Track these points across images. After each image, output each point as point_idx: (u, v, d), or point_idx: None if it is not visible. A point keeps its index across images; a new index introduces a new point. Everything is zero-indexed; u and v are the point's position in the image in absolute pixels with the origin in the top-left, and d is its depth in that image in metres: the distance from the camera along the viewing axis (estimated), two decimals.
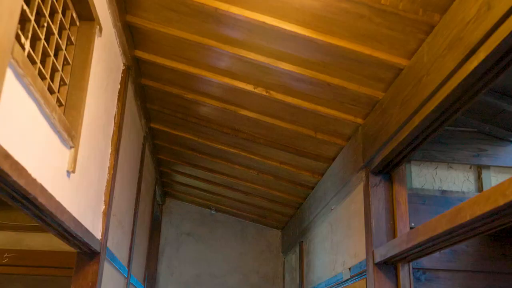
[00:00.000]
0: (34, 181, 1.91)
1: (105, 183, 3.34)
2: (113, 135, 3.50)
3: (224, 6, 2.94)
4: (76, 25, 2.68)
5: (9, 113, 1.70)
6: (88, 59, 2.69)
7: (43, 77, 2.21)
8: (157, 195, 6.62)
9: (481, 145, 3.65)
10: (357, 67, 3.10)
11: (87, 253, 3.12)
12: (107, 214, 3.34)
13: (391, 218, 3.37)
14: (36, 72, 2.03)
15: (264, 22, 2.93)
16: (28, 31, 1.99)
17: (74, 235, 2.65)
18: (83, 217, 2.78)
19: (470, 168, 3.64)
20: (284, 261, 7.16)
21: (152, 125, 5.02)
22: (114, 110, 3.50)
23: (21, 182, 1.78)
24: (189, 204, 7.42)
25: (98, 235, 3.21)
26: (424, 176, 3.59)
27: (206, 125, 4.59)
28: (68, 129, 2.37)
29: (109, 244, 3.52)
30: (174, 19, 3.26)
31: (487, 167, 3.62)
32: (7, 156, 1.63)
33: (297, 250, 6.06)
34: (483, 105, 3.41)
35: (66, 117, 2.48)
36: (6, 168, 1.62)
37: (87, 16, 2.71)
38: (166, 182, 6.80)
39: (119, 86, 3.60)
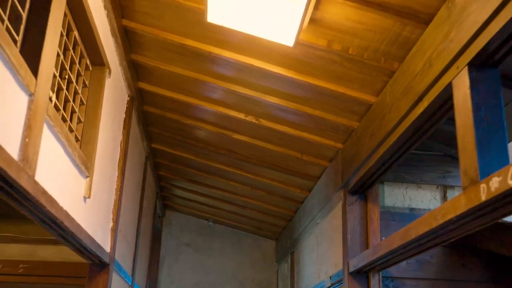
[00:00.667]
0: (61, 208, 2.36)
1: (113, 203, 3.80)
2: (119, 160, 3.95)
3: (217, 51, 3.40)
4: (89, 70, 3.14)
5: (45, 158, 2.16)
6: (100, 99, 3.15)
7: (64, 120, 2.67)
8: (158, 208, 7.07)
9: (447, 167, 4.10)
10: (334, 101, 3.56)
11: (98, 264, 3.56)
12: (114, 230, 3.79)
13: (365, 233, 3.82)
14: (60, 117, 2.49)
15: (252, 64, 3.39)
16: (54, 85, 2.45)
17: (88, 250, 3.10)
18: (96, 234, 3.23)
19: (437, 188, 4.09)
20: (277, 270, 7.60)
21: (153, 145, 5.48)
22: (120, 137, 3.96)
23: (53, 211, 2.23)
24: (188, 216, 7.86)
25: (108, 248, 3.66)
26: (396, 196, 4.04)
27: (203, 146, 5.05)
28: (85, 162, 2.83)
29: (116, 256, 3.96)
30: (173, 59, 3.73)
31: (452, 187, 4.07)
32: (44, 192, 2.09)
33: (289, 259, 6.50)
34: (448, 132, 3.87)
35: (82, 151, 2.94)
36: (43, 201, 2.08)
37: (99, 62, 3.17)
38: (166, 195, 7.25)
39: (124, 116, 4.06)
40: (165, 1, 3.07)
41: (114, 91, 3.58)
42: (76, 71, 2.84)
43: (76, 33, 2.76)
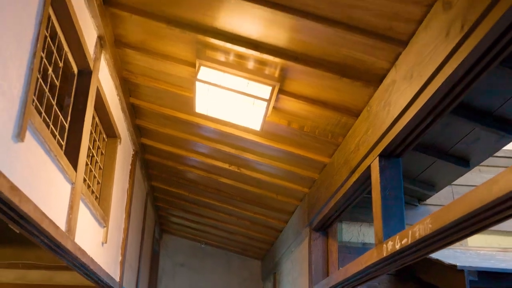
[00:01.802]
0: (88, 256, 3.26)
1: (121, 241, 4.69)
2: (126, 205, 4.85)
3: (203, 122, 4.31)
4: (105, 141, 4.05)
5: (80, 223, 3.06)
6: (113, 163, 4.06)
7: (88, 186, 3.57)
8: (156, 232, 7.96)
9: None
10: (298, 160, 4.47)
11: None
12: (123, 263, 4.68)
13: (325, 263, 4.72)
14: (86, 186, 3.40)
15: (231, 133, 4.30)
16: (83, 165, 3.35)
17: (104, 282, 3.99)
18: (110, 269, 4.12)
19: None
20: (263, 287, 8.49)
21: (153, 183, 6.38)
22: (127, 185, 4.86)
23: (84, 260, 3.13)
24: (182, 239, 8.76)
25: (117, 278, 4.55)
26: (351, 232, 4.95)
27: (195, 186, 5.96)
28: (103, 217, 3.73)
29: (124, 283, 4.85)
30: (169, 125, 4.65)
31: None
32: (79, 248, 2.99)
33: (272, 279, 7.40)
34: None
35: (100, 206, 3.84)
36: (79, 255, 2.98)
37: (113, 134, 4.08)
38: (163, 222, 8.15)
39: (130, 167, 4.96)
40: (163, 89, 3.99)
41: (123, 152, 4.49)
42: (96, 146, 3.74)
43: (97, 119, 3.68)
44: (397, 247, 2.77)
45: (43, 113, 2.57)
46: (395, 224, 3.00)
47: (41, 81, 2.49)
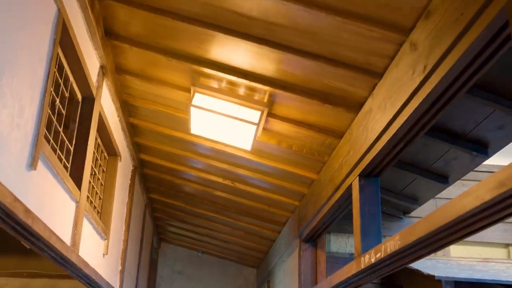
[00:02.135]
0: (91, 267, 3.52)
1: (121, 252, 4.96)
2: (125, 217, 5.12)
3: (197, 140, 4.58)
4: (106, 159, 4.32)
5: (84, 238, 3.33)
6: (114, 180, 4.32)
7: (90, 201, 3.84)
8: (154, 241, 8.22)
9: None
10: (288, 176, 4.74)
11: None
12: (122, 272, 4.94)
13: (314, 273, 4.99)
14: (89, 203, 3.66)
15: (224, 150, 4.58)
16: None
17: None
18: (110, 279, 4.39)
19: None
20: None
21: (151, 195, 6.65)
22: (126, 199, 5.13)
23: (86, 271, 3.39)
24: (180, 247, 9.02)
25: (117, 286, 4.81)
26: (339, 243, 5.22)
27: (191, 198, 6.23)
28: (104, 230, 4.00)
29: None
30: (166, 142, 4.92)
31: (384, 236, 5.24)
32: (83, 261, 3.25)
33: (266, 287, 7.65)
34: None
35: (101, 221, 4.10)
36: (82, 267, 3.24)
37: (113, 153, 4.35)
38: (161, 231, 8.41)
39: (129, 182, 5.23)
40: (161, 110, 4.26)
41: (123, 168, 4.76)
42: (98, 164, 4.02)
43: (99, 140, 3.95)
44: (373, 260, 3.04)
45: (51, 140, 2.84)
46: (372, 239, 3.27)
47: (50, 112, 2.77)
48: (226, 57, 3.31)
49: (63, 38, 2.71)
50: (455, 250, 5.49)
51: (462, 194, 2.07)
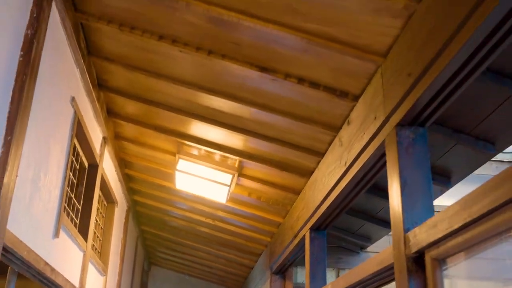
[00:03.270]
0: None
1: (116, 282, 5.76)
2: (120, 251, 5.93)
3: (180, 193, 5.42)
4: (105, 206, 5.15)
5: (89, 278, 4.15)
6: (112, 223, 5.15)
7: (92, 245, 4.66)
8: (145, 265, 9.02)
9: (340, 255, 6.12)
10: (260, 219, 5.58)
11: None
12: None
13: None
14: (91, 247, 4.48)
15: (204, 198, 5.41)
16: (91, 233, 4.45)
17: None
18: None
19: (333, 269, 6.10)
20: None
21: (142, 227, 7.48)
22: (121, 235, 5.94)
23: None
24: (169, 271, 9.83)
25: None
26: (305, 275, 6.04)
27: (177, 231, 7.06)
28: (104, 268, 4.82)
29: None
30: (155, 188, 5.76)
31: (343, 269, 6.08)
32: None
33: None
34: (340, 232, 5.89)
35: (101, 259, 4.92)
36: None
37: (111, 201, 5.18)
38: (151, 256, 9.22)
39: (124, 220, 6.05)
40: (151, 166, 5.10)
41: (119, 212, 5.58)
42: (99, 212, 4.84)
43: (100, 193, 4.78)
44: None
45: (65, 205, 3.68)
46: (319, 283, 4.11)
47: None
48: (203, 134, 4.16)
49: (78, 131, 3.56)
50: None
51: (361, 264, 2.93)
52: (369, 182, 3.21)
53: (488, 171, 5.79)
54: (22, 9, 2.40)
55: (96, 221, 4.74)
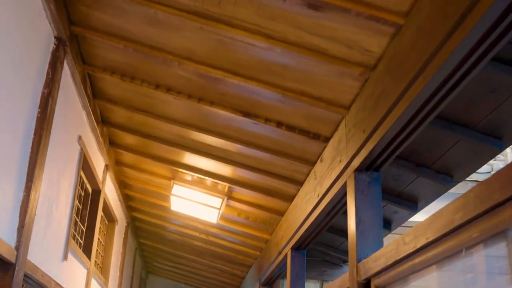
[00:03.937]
0: None
1: None
2: (120, 264, 6.38)
3: (175, 214, 5.88)
4: (106, 224, 5.61)
5: None
6: (112, 240, 5.60)
7: (94, 261, 5.11)
8: (143, 274, 9.48)
9: (324, 268, 6.58)
10: (248, 235, 6.04)
11: None
12: None
13: None
14: (94, 264, 4.93)
15: (198, 217, 5.87)
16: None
17: None
18: None
19: (318, 281, 6.56)
20: None
21: (140, 240, 7.94)
22: (121, 250, 6.40)
23: None
24: (165, 279, 10.28)
25: None
26: None
27: (173, 245, 7.53)
28: (105, 282, 5.28)
29: None
30: (152, 206, 6.22)
31: (327, 281, 6.54)
32: None
33: None
34: (322, 248, 6.36)
35: (102, 274, 5.37)
36: None
37: (112, 219, 5.63)
38: (149, 266, 9.68)
39: (123, 235, 6.51)
40: (149, 188, 5.57)
41: (119, 229, 6.04)
42: (101, 230, 5.30)
43: (102, 214, 5.24)
44: None
45: (72, 230, 4.13)
46: None
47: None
48: (195, 163, 4.63)
49: (84, 163, 4.02)
50: None
51: (326, 286, 3.39)
52: (338, 212, 3.67)
53: (464, 190, 6.26)
54: (40, 72, 2.86)
55: (98, 239, 5.20)
